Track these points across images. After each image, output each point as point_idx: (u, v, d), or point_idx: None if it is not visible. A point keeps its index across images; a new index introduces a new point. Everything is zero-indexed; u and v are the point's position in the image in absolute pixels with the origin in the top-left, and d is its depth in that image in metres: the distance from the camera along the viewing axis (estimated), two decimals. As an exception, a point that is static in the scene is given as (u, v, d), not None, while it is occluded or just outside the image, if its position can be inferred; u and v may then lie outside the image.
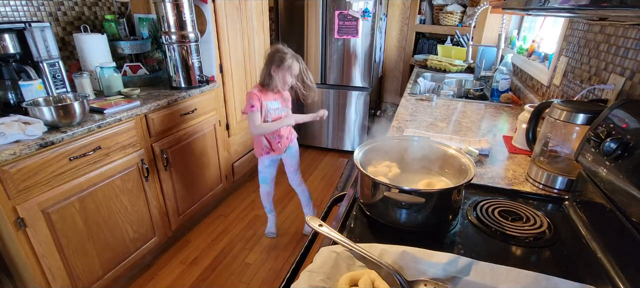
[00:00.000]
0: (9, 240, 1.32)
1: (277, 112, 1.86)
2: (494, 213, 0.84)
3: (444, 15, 3.19)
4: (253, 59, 2.71)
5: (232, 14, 2.34)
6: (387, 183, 0.74)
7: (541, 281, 0.56)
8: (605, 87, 1.06)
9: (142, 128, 1.74)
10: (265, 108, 1.81)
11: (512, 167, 1.12)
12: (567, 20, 1.51)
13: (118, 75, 1.89)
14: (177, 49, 1.98)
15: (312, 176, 3.03)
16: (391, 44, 3.59)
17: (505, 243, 0.75)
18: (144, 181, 1.78)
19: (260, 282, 1.88)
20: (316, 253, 0.64)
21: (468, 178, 0.75)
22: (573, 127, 0.91)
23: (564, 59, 1.46)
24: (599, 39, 1.19)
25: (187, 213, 2.14)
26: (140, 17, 2.28)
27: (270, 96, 1.83)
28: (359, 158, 0.85)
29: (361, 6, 2.87)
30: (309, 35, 3.14)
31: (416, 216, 0.75)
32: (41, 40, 1.58)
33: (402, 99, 1.98)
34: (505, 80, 1.91)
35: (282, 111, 1.88)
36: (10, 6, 1.74)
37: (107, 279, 1.67)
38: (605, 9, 0.59)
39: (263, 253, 2.09)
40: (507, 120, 1.61)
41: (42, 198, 1.34)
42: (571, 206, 0.87)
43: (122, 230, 1.71)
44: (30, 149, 1.25)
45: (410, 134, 1.37)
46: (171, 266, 1.98)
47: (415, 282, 0.61)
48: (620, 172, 0.68)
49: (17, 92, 1.57)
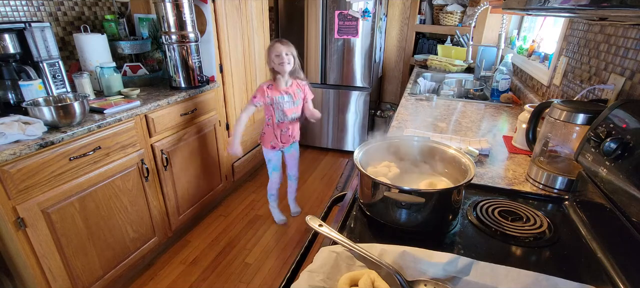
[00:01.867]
0: (9, 240, 1.32)
1: (289, 105, 1.98)
2: (494, 213, 0.84)
3: (444, 15, 3.19)
4: (253, 59, 2.71)
5: (232, 14, 2.34)
6: (387, 183, 0.74)
7: (541, 281, 0.56)
8: (605, 87, 1.06)
9: (142, 128, 1.74)
10: (275, 102, 1.95)
11: (512, 167, 1.12)
12: (567, 20, 1.51)
13: (118, 75, 1.89)
14: (177, 49, 1.98)
15: (312, 176, 3.03)
16: (391, 44, 3.59)
17: (505, 243, 0.75)
18: (144, 181, 1.78)
19: (260, 282, 1.88)
20: (316, 253, 0.64)
21: (468, 178, 0.75)
22: (573, 127, 0.91)
23: (564, 59, 1.46)
24: (599, 39, 1.19)
25: (187, 213, 2.15)
26: (140, 17, 2.28)
27: (280, 91, 1.94)
28: (359, 158, 0.85)
29: (361, 6, 2.87)
30: (309, 35, 3.14)
31: (416, 216, 0.75)
32: (41, 40, 1.58)
33: (402, 99, 1.98)
34: (505, 80, 1.91)
35: (294, 104, 1.99)
36: (10, 6, 1.74)
37: (107, 279, 1.67)
38: (605, 9, 0.59)
39: (263, 253, 2.09)
40: (507, 120, 1.61)
41: (42, 198, 1.34)
42: (571, 206, 0.87)
43: (122, 230, 1.71)
44: (30, 149, 1.26)
45: (410, 133, 1.37)
46: (171, 266, 1.98)
47: (415, 282, 0.61)
48: (620, 172, 0.68)
49: (17, 92, 1.57)
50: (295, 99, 1.99)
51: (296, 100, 2.00)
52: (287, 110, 1.98)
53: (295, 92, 1.99)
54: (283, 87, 1.95)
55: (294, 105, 2.01)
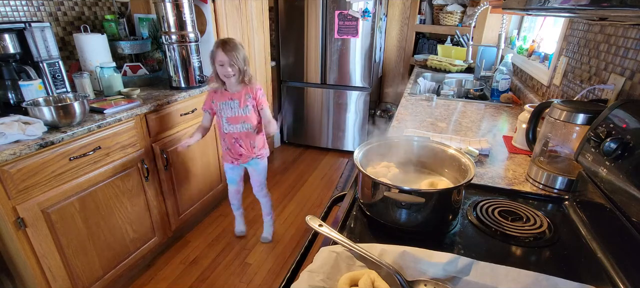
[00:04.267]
0: (9, 240, 1.32)
1: (233, 112, 1.73)
2: (494, 213, 0.84)
3: (444, 15, 3.19)
4: (253, 59, 2.71)
5: (232, 14, 2.34)
6: (387, 184, 0.74)
7: (541, 281, 0.56)
8: (605, 87, 1.06)
9: (142, 128, 1.74)
10: (218, 108, 1.74)
11: (512, 167, 1.12)
12: (567, 20, 1.51)
13: (118, 75, 1.89)
14: (177, 49, 1.98)
15: (312, 176, 3.03)
16: (391, 44, 3.59)
17: (505, 243, 0.75)
18: (144, 181, 1.78)
19: (260, 282, 1.88)
20: (316, 253, 0.64)
21: (468, 178, 0.75)
22: (573, 127, 0.91)
23: (564, 59, 1.46)
24: (599, 39, 1.19)
25: (187, 213, 2.14)
26: (140, 17, 2.28)
27: (225, 95, 1.72)
28: (359, 158, 0.85)
29: (361, 6, 2.87)
30: (309, 35, 3.14)
31: (416, 216, 0.75)
32: (41, 40, 1.58)
33: (402, 99, 1.98)
34: (505, 80, 1.91)
35: (240, 111, 1.73)
36: (10, 6, 1.74)
37: (107, 279, 1.67)
38: (605, 9, 0.59)
39: (263, 253, 2.09)
40: (507, 120, 1.61)
41: (42, 198, 1.34)
42: (571, 206, 0.87)
43: (122, 230, 1.71)
44: (30, 149, 1.25)
45: (410, 133, 1.37)
46: (171, 266, 1.98)
47: (415, 282, 0.61)
48: (620, 172, 0.68)
49: (17, 92, 1.57)
50: (241, 105, 1.72)
51: (244, 108, 1.73)
52: (232, 117, 1.74)
53: (244, 98, 1.73)
54: (230, 92, 1.72)
55: (242, 113, 1.74)
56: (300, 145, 3.65)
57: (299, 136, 3.61)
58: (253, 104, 1.75)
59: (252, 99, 1.74)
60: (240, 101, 1.72)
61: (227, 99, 1.72)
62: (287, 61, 3.33)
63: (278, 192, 2.72)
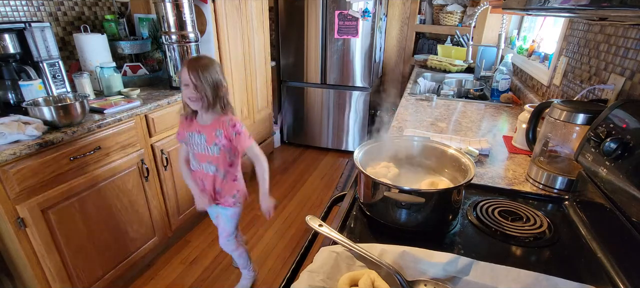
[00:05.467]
0: (9, 240, 1.32)
1: (200, 149, 1.37)
2: (494, 213, 0.84)
3: (444, 15, 3.19)
4: (253, 59, 2.71)
5: (232, 14, 2.34)
6: (387, 183, 0.74)
7: (541, 281, 0.56)
8: (605, 87, 1.06)
9: (142, 128, 1.74)
10: (186, 139, 1.40)
11: (512, 167, 1.12)
12: (567, 20, 1.51)
13: (118, 75, 1.89)
14: (177, 49, 1.98)
15: (312, 176, 3.03)
16: (391, 44, 3.59)
17: (505, 243, 0.75)
18: (144, 181, 1.78)
19: (260, 282, 1.88)
20: (316, 253, 0.64)
21: (468, 178, 0.75)
22: (573, 127, 0.91)
23: (564, 59, 1.46)
24: (599, 39, 1.19)
25: (187, 213, 2.14)
26: (140, 17, 2.28)
27: (194, 126, 1.36)
28: (359, 158, 0.85)
29: (361, 6, 2.87)
30: (309, 35, 3.14)
31: (416, 216, 0.75)
32: (41, 40, 1.58)
33: (402, 99, 1.98)
34: (505, 80, 1.91)
35: (208, 150, 1.36)
36: (10, 6, 1.73)
37: (107, 279, 1.67)
38: (605, 9, 0.59)
39: (263, 253, 2.09)
40: (507, 120, 1.61)
41: (42, 198, 1.34)
42: (571, 206, 0.87)
43: (122, 230, 1.71)
44: (30, 149, 1.25)
45: (410, 134, 1.37)
46: (171, 266, 1.98)
47: (415, 282, 0.61)
48: (620, 172, 0.68)
49: (17, 92, 1.57)
50: (209, 142, 1.34)
51: (211, 146, 1.35)
52: (199, 154, 1.39)
53: (213, 134, 1.33)
54: (199, 123, 1.35)
55: (208, 152, 1.36)
56: (300, 145, 3.65)
57: (299, 136, 3.61)
58: (224, 143, 1.34)
59: (224, 138, 1.33)
60: (208, 137, 1.34)
61: (195, 131, 1.36)
62: (287, 61, 3.33)
63: (278, 192, 2.72)
